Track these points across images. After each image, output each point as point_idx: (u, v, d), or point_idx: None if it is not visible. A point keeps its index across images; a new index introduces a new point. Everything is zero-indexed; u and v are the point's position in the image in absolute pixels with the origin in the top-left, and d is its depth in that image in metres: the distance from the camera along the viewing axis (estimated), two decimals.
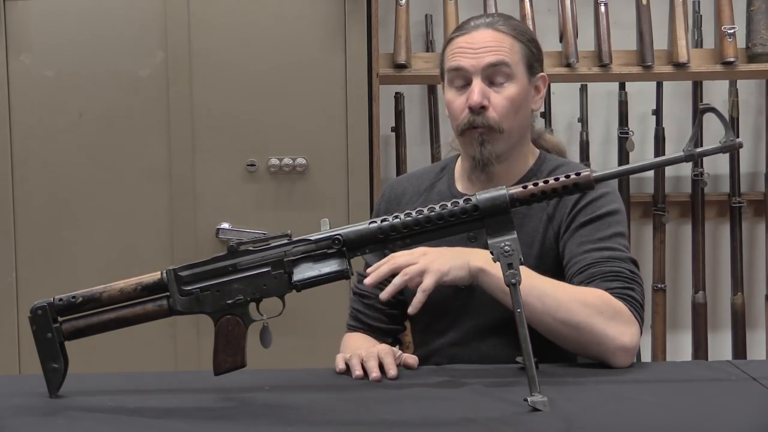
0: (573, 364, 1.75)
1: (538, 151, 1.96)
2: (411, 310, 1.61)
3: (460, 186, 1.94)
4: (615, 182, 1.90)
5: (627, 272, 1.74)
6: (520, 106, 1.85)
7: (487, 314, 1.84)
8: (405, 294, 1.89)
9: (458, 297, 1.83)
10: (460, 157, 1.96)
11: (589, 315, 1.65)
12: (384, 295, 1.63)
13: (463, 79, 1.84)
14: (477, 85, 1.82)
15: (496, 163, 1.84)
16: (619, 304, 1.68)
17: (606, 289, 1.70)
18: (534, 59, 1.88)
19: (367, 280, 1.64)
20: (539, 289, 1.66)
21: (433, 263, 1.62)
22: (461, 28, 1.88)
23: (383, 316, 1.95)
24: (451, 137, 2.00)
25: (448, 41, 1.89)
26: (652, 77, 3.19)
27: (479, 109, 1.82)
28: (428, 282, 1.61)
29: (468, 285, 1.69)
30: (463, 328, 1.87)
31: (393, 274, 1.63)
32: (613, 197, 1.85)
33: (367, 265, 1.97)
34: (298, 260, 1.52)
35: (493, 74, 1.83)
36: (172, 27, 2.90)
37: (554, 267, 1.83)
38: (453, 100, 1.86)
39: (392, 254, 1.66)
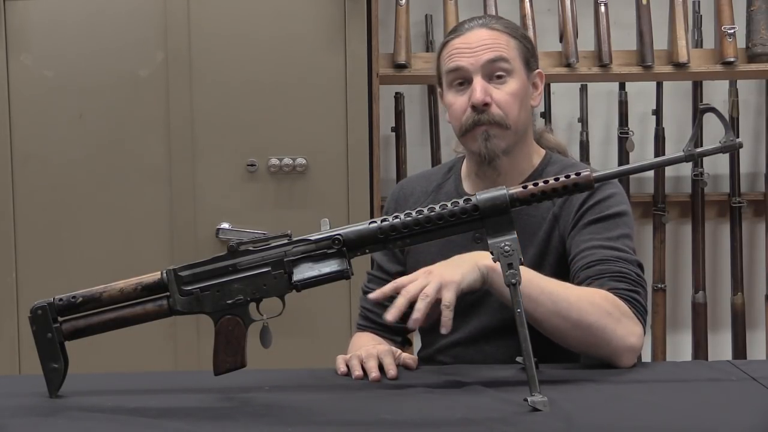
0: (573, 365, 1.75)
1: (543, 150, 1.96)
2: (444, 330, 1.54)
3: (467, 186, 1.94)
4: (618, 182, 1.91)
5: (634, 275, 1.75)
6: (522, 100, 1.85)
7: (494, 315, 1.84)
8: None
9: (466, 298, 1.83)
10: (465, 158, 1.96)
11: (599, 316, 1.65)
12: (413, 324, 1.55)
13: (462, 78, 1.84)
14: (478, 83, 1.82)
15: (503, 156, 1.84)
16: (625, 306, 1.69)
17: (612, 289, 1.70)
18: (529, 55, 1.88)
19: (388, 317, 1.55)
20: (550, 290, 1.65)
21: (444, 276, 1.57)
22: (455, 31, 1.88)
23: None
24: (454, 142, 1.99)
25: (442, 45, 1.89)
26: (652, 77, 3.19)
27: (483, 107, 1.82)
28: (449, 296, 1.55)
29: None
30: (470, 328, 1.87)
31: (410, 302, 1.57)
32: (621, 198, 1.85)
33: (377, 265, 1.98)
34: (298, 260, 1.52)
35: (492, 71, 1.83)
36: (172, 27, 2.90)
37: (556, 266, 1.83)
38: (454, 101, 1.86)
39: (396, 281, 1.60)
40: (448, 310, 1.55)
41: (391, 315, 1.56)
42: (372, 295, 1.62)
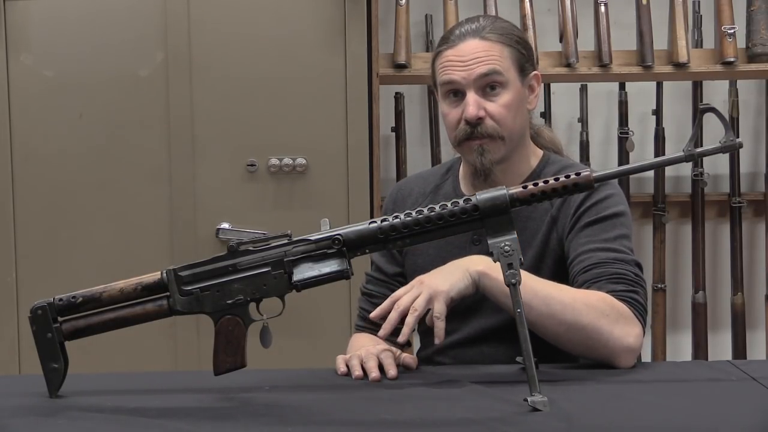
0: (573, 365, 1.75)
1: (541, 151, 1.95)
2: (437, 341, 1.59)
3: (464, 187, 1.94)
4: (616, 182, 1.91)
5: (631, 275, 1.74)
6: (517, 110, 1.85)
7: (493, 316, 1.84)
8: None
9: (465, 299, 1.83)
10: (463, 160, 1.96)
11: (595, 317, 1.65)
12: (403, 338, 1.60)
13: (456, 91, 1.84)
14: (471, 97, 1.81)
15: (496, 170, 1.84)
16: (622, 306, 1.69)
17: (610, 291, 1.70)
18: (524, 60, 1.87)
19: (380, 334, 1.62)
20: (544, 293, 1.65)
21: (432, 287, 1.61)
22: (448, 40, 1.86)
23: None
24: None
25: (435, 53, 1.88)
26: (652, 77, 3.19)
27: (476, 121, 1.81)
28: (439, 307, 1.60)
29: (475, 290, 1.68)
30: (469, 329, 1.87)
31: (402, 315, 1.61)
32: (618, 199, 1.85)
33: (376, 266, 1.98)
34: (298, 260, 1.52)
35: (485, 83, 1.82)
36: (172, 27, 2.90)
37: (555, 268, 1.83)
38: (448, 112, 1.86)
39: (392, 295, 1.65)
40: (440, 321, 1.60)
41: (383, 331, 1.61)
42: (372, 315, 1.66)
